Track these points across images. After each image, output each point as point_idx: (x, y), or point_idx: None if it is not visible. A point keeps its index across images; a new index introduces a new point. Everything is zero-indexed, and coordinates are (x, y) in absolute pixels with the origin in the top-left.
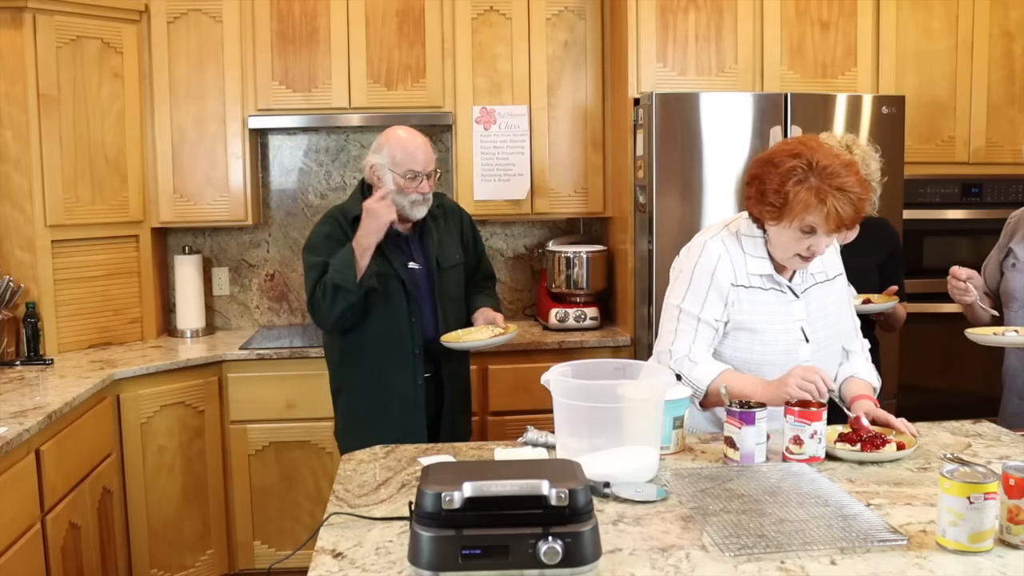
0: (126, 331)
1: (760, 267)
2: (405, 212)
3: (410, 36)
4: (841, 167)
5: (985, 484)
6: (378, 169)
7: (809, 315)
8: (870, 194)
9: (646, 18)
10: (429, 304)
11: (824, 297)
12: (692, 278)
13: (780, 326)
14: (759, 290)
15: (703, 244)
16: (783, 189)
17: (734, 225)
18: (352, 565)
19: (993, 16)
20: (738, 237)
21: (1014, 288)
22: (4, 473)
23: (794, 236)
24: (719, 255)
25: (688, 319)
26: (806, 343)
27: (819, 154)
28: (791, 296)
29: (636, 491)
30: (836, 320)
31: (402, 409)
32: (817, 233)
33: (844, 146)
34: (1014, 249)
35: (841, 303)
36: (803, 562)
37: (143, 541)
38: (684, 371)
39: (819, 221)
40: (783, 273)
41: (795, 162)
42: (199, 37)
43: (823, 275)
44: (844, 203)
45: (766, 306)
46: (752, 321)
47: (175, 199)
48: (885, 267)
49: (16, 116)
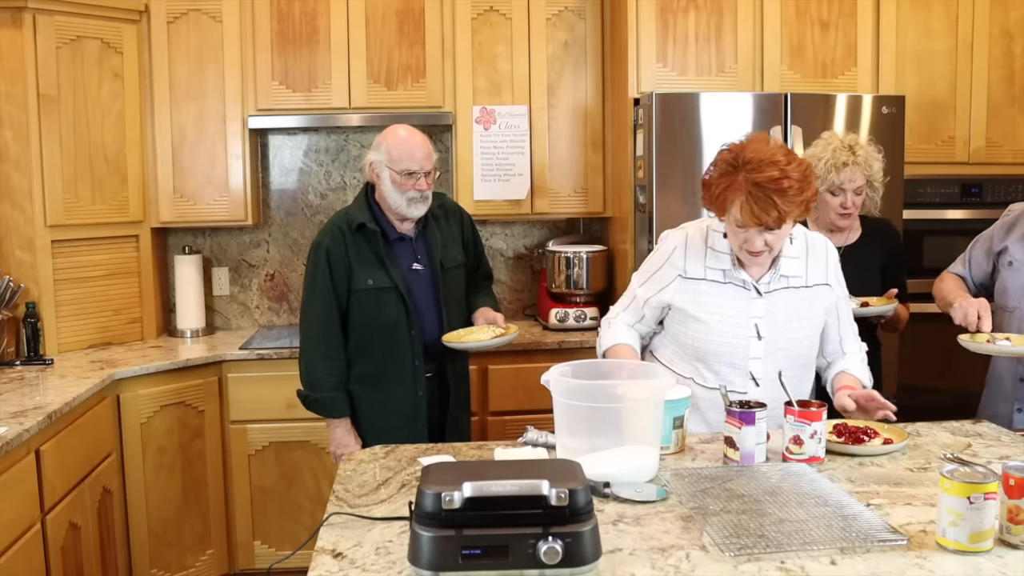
0: (126, 331)
1: (719, 261)
2: (403, 211)
3: (410, 36)
4: (767, 163)
5: (985, 484)
6: (376, 166)
7: (770, 314)
8: (805, 191)
9: (646, 18)
10: (433, 305)
11: (795, 302)
12: (646, 262)
13: (731, 319)
14: (715, 283)
15: (666, 236)
16: (714, 185)
17: (707, 221)
18: (352, 565)
19: (993, 16)
20: (707, 231)
21: (1011, 288)
22: (4, 473)
23: (733, 231)
24: (675, 247)
25: (628, 293)
26: (758, 340)
27: (750, 149)
28: (753, 293)
29: (636, 491)
30: (806, 327)
31: (403, 421)
32: (748, 228)
33: (847, 147)
34: (1011, 248)
35: (817, 312)
36: (803, 562)
37: (143, 541)
38: (601, 330)
39: (739, 214)
40: (751, 271)
41: (728, 155)
42: (199, 37)
43: (799, 280)
44: (759, 198)
45: (719, 299)
46: (699, 311)
47: (175, 199)
48: (887, 268)
49: (16, 116)
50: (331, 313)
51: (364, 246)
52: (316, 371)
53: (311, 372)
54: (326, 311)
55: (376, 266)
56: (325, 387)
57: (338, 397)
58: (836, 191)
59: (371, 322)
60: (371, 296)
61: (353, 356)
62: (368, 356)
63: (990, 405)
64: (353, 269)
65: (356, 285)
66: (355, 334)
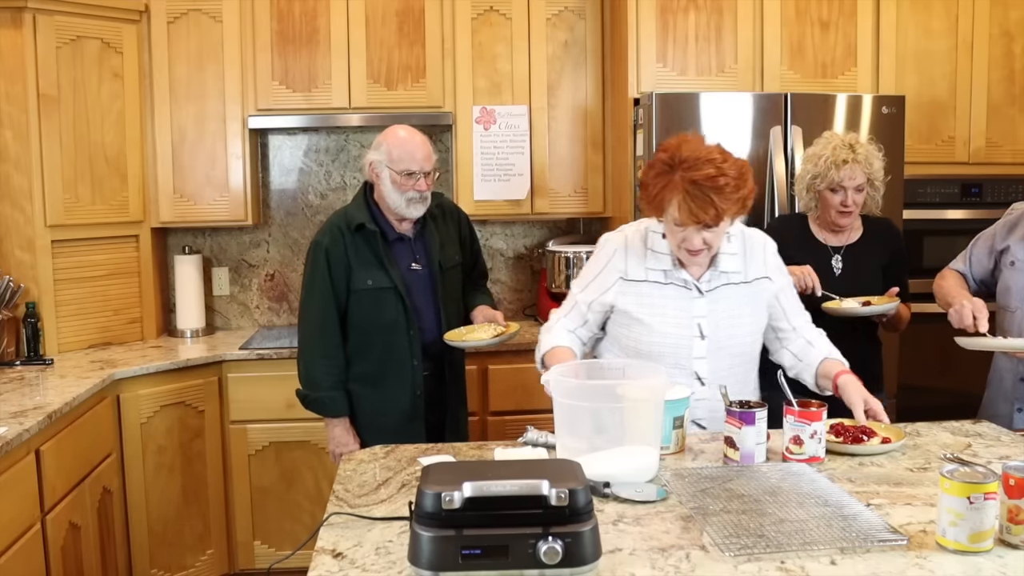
0: (126, 331)
1: (659, 262)
2: (402, 211)
3: (410, 36)
4: (703, 161)
5: (985, 484)
6: (376, 166)
7: (713, 313)
8: (742, 188)
9: (646, 18)
10: (431, 305)
11: (737, 298)
12: (586, 267)
13: (673, 320)
14: (657, 284)
15: (606, 239)
16: (650, 185)
17: (646, 221)
18: (352, 565)
19: (993, 16)
20: (646, 233)
21: (1013, 287)
22: (4, 473)
23: (671, 230)
24: (615, 249)
25: (568, 299)
26: (701, 339)
27: (686, 148)
28: (695, 293)
29: (636, 491)
30: (749, 323)
31: (402, 420)
32: (687, 227)
33: (847, 145)
34: (1013, 247)
35: (760, 308)
36: (803, 562)
37: (143, 541)
38: (541, 335)
39: (676, 213)
40: (691, 270)
41: (662, 155)
42: (199, 37)
43: (739, 275)
44: (697, 196)
45: (661, 300)
46: (642, 313)
47: (175, 199)
48: (889, 267)
49: (16, 116)
50: (330, 313)
51: (363, 246)
52: (315, 370)
53: (310, 371)
54: (325, 311)
55: (375, 266)
56: (324, 386)
57: (337, 396)
58: (836, 188)
59: (370, 322)
60: (370, 296)
61: (352, 355)
62: (367, 356)
63: (991, 404)
64: (352, 269)
65: (355, 285)
66: (354, 334)
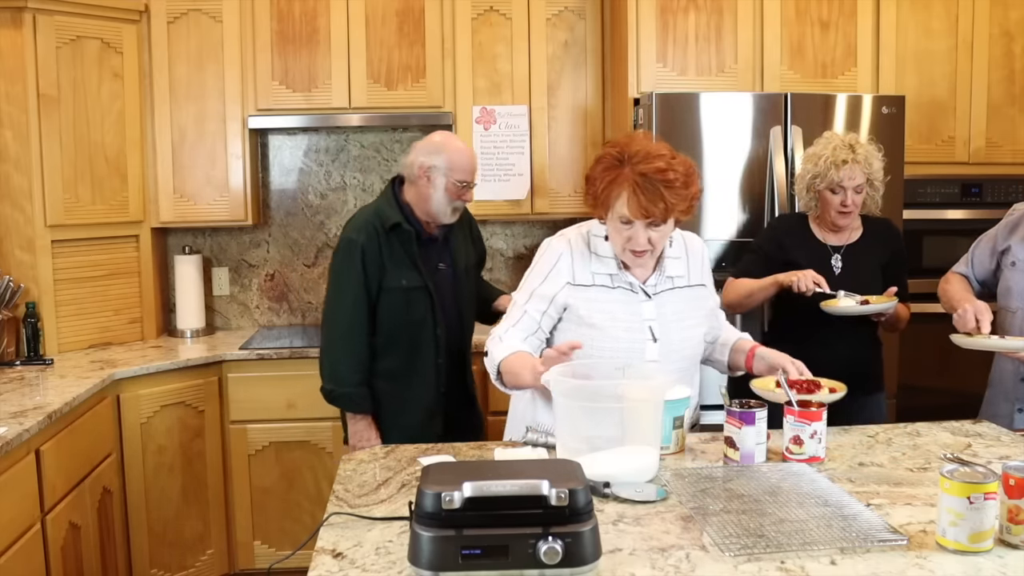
0: (126, 331)
1: (605, 266)
2: (444, 216)
3: (410, 36)
4: (653, 155)
5: (985, 484)
6: (432, 171)
7: (662, 316)
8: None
9: (646, 18)
10: (454, 304)
11: (683, 302)
12: (530, 274)
13: (624, 324)
14: (604, 288)
15: (547, 244)
16: (598, 178)
17: (586, 226)
18: (352, 565)
19: (993, 16)
20: (587, 237)
21: (1014, 288)
22: (4, 473)
23: (616, 228)
24: (560, 254)
25: (515, 309)
26: (653, 342)
27: (635, 144)
28: (642, 296)
29: (636, 491)
30: (695, 326)
31: (424, 417)
32: (633, 224)
33: (847, 145)
34: (1014, 248)
35: (703, 311)
36: (803, 562)
37: (143, 541)
38: (490, 348)
39: (625, 208)
40: (635, 273)
41: (611, 150)
42: (199, 37)
43: (683, 279)
44: (647, 189)
45: (610, 304)
46: (593, 318)
47: (175, 199)
48: (888, 267)
49: (16, 116)
50: (361, 310)
51: (397, 245)
52: (342, 367)
53: (336, 368)
54: (356, 308)
55: (408, 266)
56: (351, 383)
57: (363, 393)
58: (836, 189)
59: (399, 320)
60: (401, 294)
61: (378, 352)
62: (393, 352)
63: (991, 404)
64: (386, 268)
65: (388, 284)
66: (382, 331)
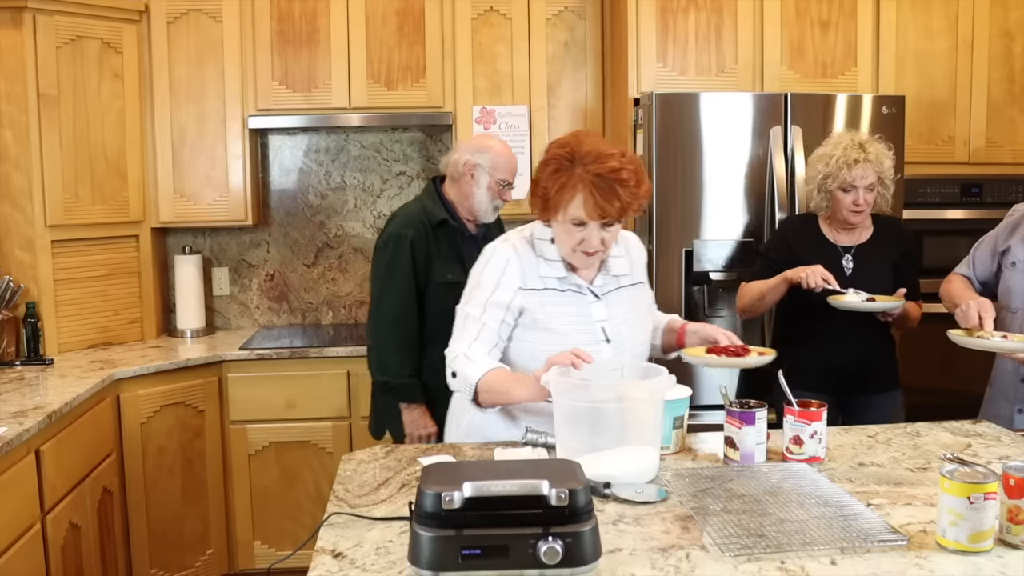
0: (126, 331)
1: (553, 270)
2: (485, 214)
3: (410, 36)
4: (606, 155)
5: (985, 484)
6: (477, 169)
7: (612, 316)
8: (642, 184)
9: (646, 18)
10: None
11: (630, 300)
12: (478, 284)
13: (578, 327)
14: (555, 292)
15: (493, 250)
16: (548, 181)
17: (528, 229)
18: (352, 565)
19: (993, 16)
20: (532, 241)
21: (1014, 288)
22: (4, 473)
23: (567, 230)
24: (507, 260)
25: (472, 322)
26: (607, 343)
27: (585, 143)
28: (591, 297)
29: (636, 492)
30: (642, 323)
31: None
32: (587, 225)
33: (858, 144)
34: (1014, 248)
35: (646, 309)
36: (803, 562)
37: (143, 541)
38: (459, 367)
39: (580, 210)
40: (581, 274)
41: (559, 151)
42: (199, 37)
43: (628, 278)
44: (603, 189)
45: (563, 307)
46: (548, 322)
47: (175, 199)
48: (899, 266)
49: (16, 116)
50: (411, 303)
51: (443, 241)
52: (392, 358)
53: (386, 359)
54: (406, 300)
55: (454, 261)
56: (403, 373)
57: (415, 383)
58: (848, 188)
59: (446, 311)
60: (446, 288)
61: (427, 342)
62: (438, 346)
63: (992, 404)
64: (433, 262)
65: (435, 277)
66: (431, 321)
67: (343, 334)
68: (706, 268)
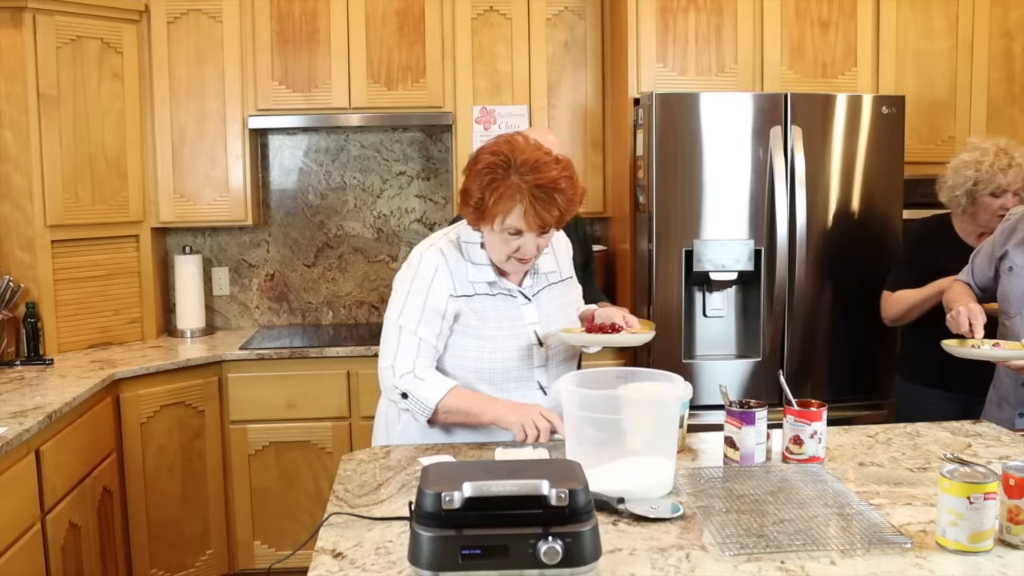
0: (126, 331)
1: (482, 274)
2: None
3: (410, 36)
4: (544, 163)
5: (985, 484)
6: None
7: (543, 317)
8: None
9: (646, 18)
10: None
11: (559, 297)
12: (409, 293)
13: (511, 331)
14: (486, 296)
15: (420, 257)
16: (484, 191)
17: (454, 232)
18: (352, 565)
19: (993, 16)
20: (459, 245)
21: (1011, 293)
22: (4, 473)
23: (502, 238)
24: (436, 267)
25: (408, 335)
26: (540, 347)
27: (521, 150)
28: (522, 300)
29: (651, 507)
30: (573, 320)
31: None
32: (524, 234)
33: (1002, 150)
34: (1011, 253)
35: (573, 305)
36: (803, 562)
37: (143, 541)
38: (411, 389)
39: (519, 221)
40: (510, 277)
41: (493, 159)
42: (199, 37)
43: (556, 275)
44: (543, 200)
45: (495, 312)
46: (480, 329)
47: (175, 199)
48: None
49: (16, 116)
50: None
51: None
52: None
53: None
54: None
55: None
56: None
57: None
58: (999, 193)
59: None
60: None
61: None
62: None
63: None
64: None
65: None
66: None
67: (343, 334)
68: (706, 268)
